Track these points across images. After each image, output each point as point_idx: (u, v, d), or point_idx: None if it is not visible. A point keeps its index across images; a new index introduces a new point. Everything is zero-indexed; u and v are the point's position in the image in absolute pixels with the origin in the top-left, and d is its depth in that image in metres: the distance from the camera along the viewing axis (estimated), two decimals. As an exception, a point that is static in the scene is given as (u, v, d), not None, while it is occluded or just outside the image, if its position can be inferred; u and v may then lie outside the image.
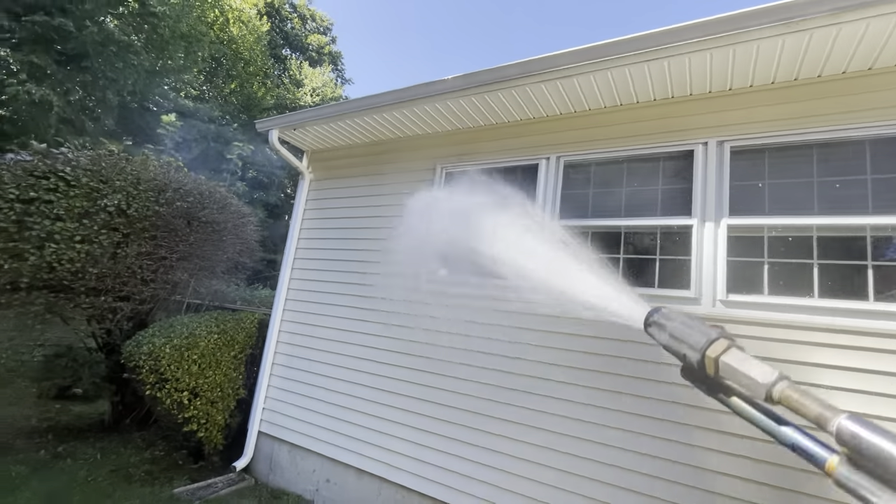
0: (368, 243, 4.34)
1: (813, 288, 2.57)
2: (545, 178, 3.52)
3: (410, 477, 3.55)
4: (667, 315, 0.70)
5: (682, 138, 3.04)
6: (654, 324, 0.71)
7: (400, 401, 3.72)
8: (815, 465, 0.52)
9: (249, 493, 4.14)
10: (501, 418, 3.25)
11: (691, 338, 0.64)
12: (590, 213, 3.35)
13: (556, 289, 2.12)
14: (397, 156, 4.41)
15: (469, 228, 2.68)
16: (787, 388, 0.51)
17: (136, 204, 4.20)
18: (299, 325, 4.59)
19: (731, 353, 0.59)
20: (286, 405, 4.43)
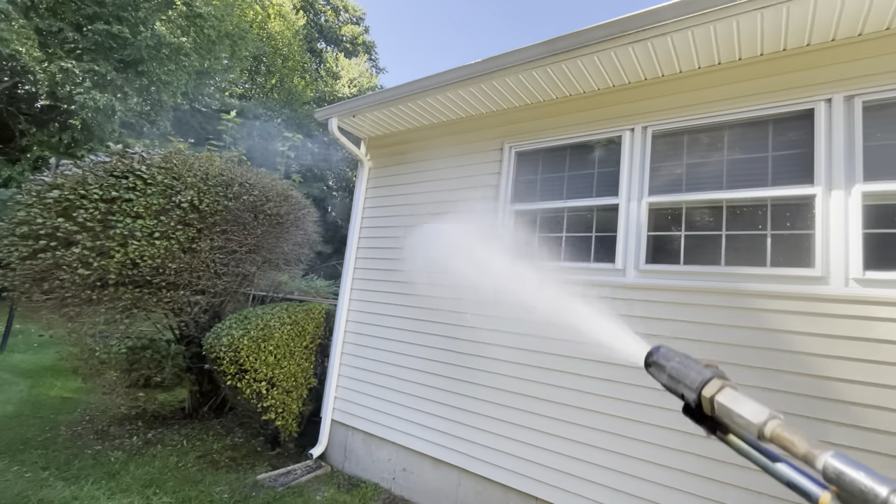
0: (433, 231, 4.21)
1: (977, 261, 2.20)
2: (630, 150, 3.24)
3: (490, 468, 3.45)
4: (665, 355, 0.71)
5: (798, 96, 2.68)
6: (654, 364, 0.72)
7: (479, 391, 3.61)
8: (808, 501, 0.54)
9: (327, 480, 4.19)
10: (593, 410, 3.06)
11: (688, 378, 0.66)
12: (684, 187, 3.05)
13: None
14: (460, 137, 4.23)
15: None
16: (778, 426, 0.55)
17: (207, 199, 4.27)
18: (367, 314, 4.57)
19: (724, 393, 0.62)
20: (358, 394, 4.44)
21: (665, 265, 3.00)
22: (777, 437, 0.55)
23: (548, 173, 3.74)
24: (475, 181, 4.00)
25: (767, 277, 2.65)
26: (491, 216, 3.85)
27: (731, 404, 0.60)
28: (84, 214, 3.78)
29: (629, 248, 3.12)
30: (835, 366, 2.38)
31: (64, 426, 4.78)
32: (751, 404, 0.59)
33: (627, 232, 3.15)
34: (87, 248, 3.80)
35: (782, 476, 0.57)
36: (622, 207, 3.20)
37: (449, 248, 3.93)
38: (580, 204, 3.45)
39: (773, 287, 2.60)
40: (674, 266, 2.98)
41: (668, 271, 2.97)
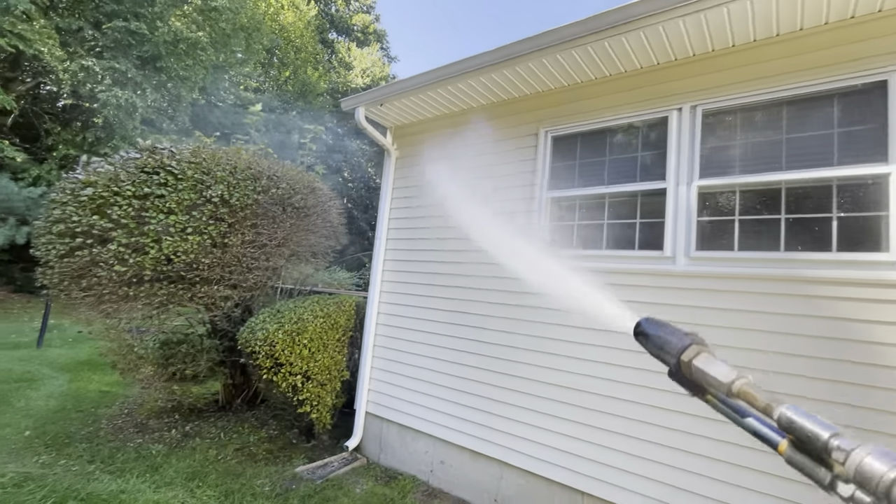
0: (466, 220, 4.12)
1: None
2: (678, 131, 3.08)
3: (533, 461, 3.39)
4: (651, 324, 0.78)
5: (867, 67, 2.49)
6: (641, 333, 0.79)
7: (519, 383, 3.54)
8: (770, 447, 0.60)
9: (364, 472, 4.19)
10: (642, 403, 2.96)
11: (669, 344, 0.73)
12: (737, 169, 2.88)
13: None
14: (492, 123, 4.10)
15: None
16: (744, 384, 0.61)
17: (237, 193, 4.24)
18: (398, 306, 4.52)
19: (700, 357, 0.68)
20: (392, 387, 4.41)
21: (718, 252, 2.86)
22: (742, 394, 0.62)
23: (587, 158, 3.60)
24: (509, 168, 3.88)
25: (833, 263, 2.49)
26: (527, 204, 3.73)
27: (705, 367, 0.66)
28: (118, 211, 3.78)
29: (678, 235, 2.98)
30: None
31: (105, 419, 4.88)
32: (721, 366, 0.66)
33: (676, 217, 3.01)
34: (122, 245, 3.81)
35: (750, 427, 0.63)
36: (670, 192, 3.05)
37: (483, 238, 3.85)
38: (623, 189, 3.31)
39: (839, 273, 2.45)
40: (728, 253, 2.83)
41: (722, 258, 2.83)
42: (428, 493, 3.87)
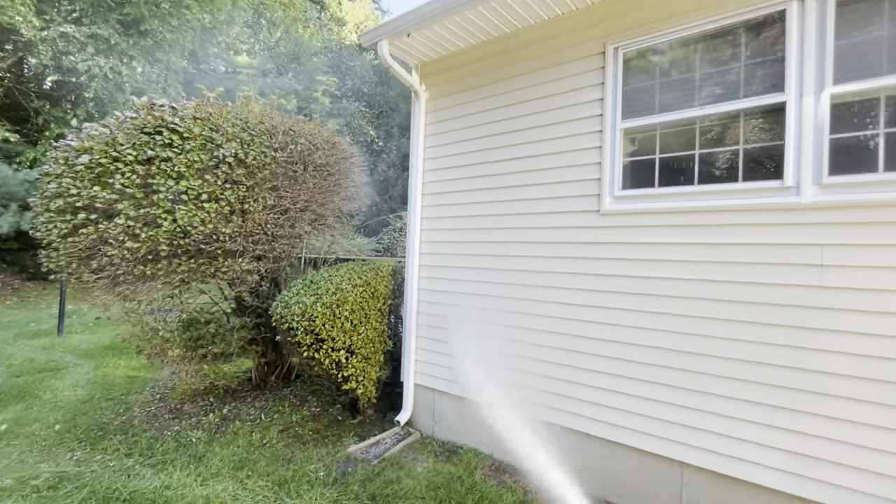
0: (514, 164, 3.57)
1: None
2: (799, 27, 2.45)
3: (616, 430, 3.02)
4: None
5: None
6: None
7: (588, 345, 3.11)
8: None
9: (421, 447, 3.89)
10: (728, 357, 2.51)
11: None
12: (885, 68, 2.27)
13: None
14: (545, 46, 3.45)
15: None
16: None
17: (253, 151, 3.70)
18: (442, 268, 4.06)
19: None
20: (441, 356, 4.03)
21: (852, 175, 2.31)
22: None
23: (670, 76, 2.98)
24: (571, 98, 3.28)
25: None
26: (596, 139, 3.16)
27: None
28: (121, 180, 3.28)
29: (803, 159, 2.42)
30: None
31: (137, 407, 4.60)
32: None
33: (799, 137, 2.44)
34: (130, 219, 3.33)
35: None
36: (791, 105, 2.46)
37: (539, 186, 3.30)
38: (723, 109, 2.71)
39: None
40: (865, 175, 2.28)
41: (860, 184, 2.28)
42: (494, 466, 3.56)
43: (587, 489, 3.15)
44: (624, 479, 3.03)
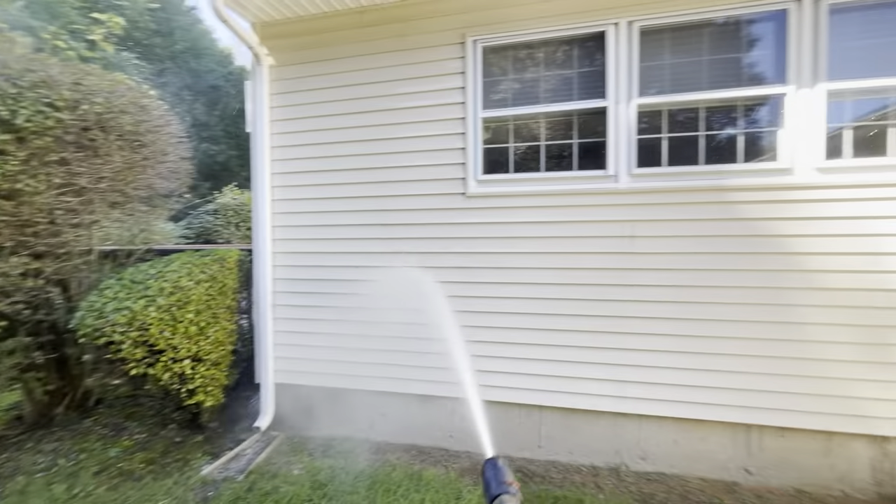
0: (381, 145, 3.52)
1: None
2: (615, 47, 3.07)
3: (485, 389, 3.39)
4: (490, 465, 1.22)
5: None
6: (483, 468, 1.22)
7: (464, 318, 3.39)
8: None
9: (292, 450, 3.60)
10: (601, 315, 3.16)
11: (490, 486, 1.11)
12: (668, 88, 3.06)
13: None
14: (405, 27, 3.45)
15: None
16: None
17: (25, 110, 2.67)
18: (303, 255, 3.75)
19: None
20: (307, 349, 3.77)
21: (652, 168, 3.08)
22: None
23: (522, 73, 3.36)
24: (436, 83, 3.39)
25: (746, 172, 2.93)
26: (460, 125, 3.35)
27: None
28: None
29: (620, 153, 3.09)
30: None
31: None
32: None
33: (618, 136, 3.09)
34: None
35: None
36: (611, 109, 3.09)
37: (408, 168, 3.36)
38: (561, 108, 3.23)
39: (750, 181, 2.90)
40: (659, 168, 3.08)
41: (655, 174, 3.06)
42: (374, 449, 3.56)
43: (466, 447, 3.47)
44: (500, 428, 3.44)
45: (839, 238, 2.78)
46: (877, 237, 2.73)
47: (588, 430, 3.26)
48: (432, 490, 2.85)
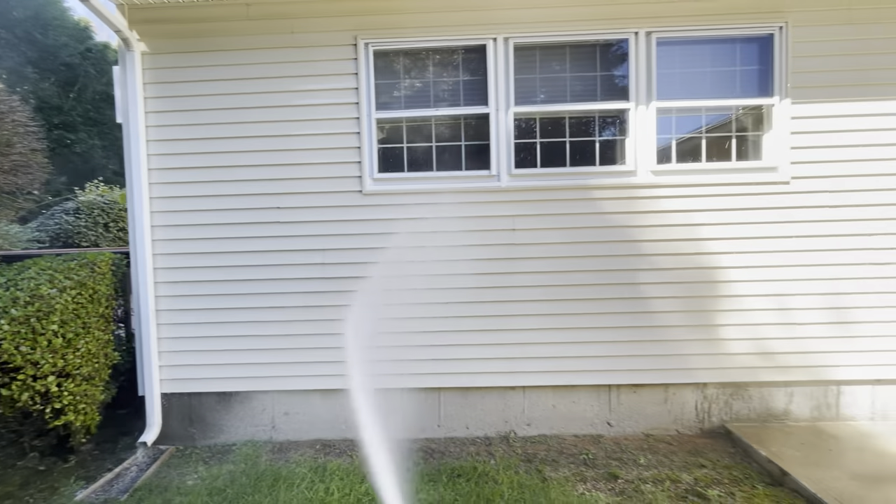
0: (275, 142, 3.48)
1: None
2: (495, 60, 3.42)
3: (391, 378, 3.56)
4: None
5: (619, 26, 3.37)
6: None
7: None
8: None
9: (183, 461, 3.41)
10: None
11: None
12: (539, 99, 3.50)
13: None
14: (296, 23, 3.44)
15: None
16: None
17: None
18: (187, 255, 3.55)
19: None
20: (197, 354, 3.59)
21: (528, 168, 3.49)
22: None
23: (414, 77, 3.57)
24: (330, 82, 3.44)
25: (599, 174, 3.47)
26: (355, 125, 3.45)
27: None
28: None
29: (501, 155, 3.45)
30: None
31: None
32: None
33: (499, 140, 3.45)
34: None
35: None
36: (492, 117, 3.44)
37: (305, 166, 3.39)
38: (450, 113, 3.50)
39: (601, 180, 3.45)
40: (534, 169, 3.50)
41: (531, 174, 3.48)
42: (277, 448, 3.53)
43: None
44: (405, 413, 3.63)
45: (670, 227, 3.44)
46: (697, 226, 3.43)
47: (481, 406, 3.61)
48: (336, 478, 2.95)
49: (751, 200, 3.43)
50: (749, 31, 3.41)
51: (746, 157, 3.54)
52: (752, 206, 3.42)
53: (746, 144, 3.55)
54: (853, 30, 3.34)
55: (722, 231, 3.43)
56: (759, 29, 3.39)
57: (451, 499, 2.70)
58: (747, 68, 3.46)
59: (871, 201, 3.38)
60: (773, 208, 3.42)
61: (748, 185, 3.43)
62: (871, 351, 3.44)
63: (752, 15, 3.36)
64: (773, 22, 3.35)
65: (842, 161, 3.38)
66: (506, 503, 2.64)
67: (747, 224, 3.43)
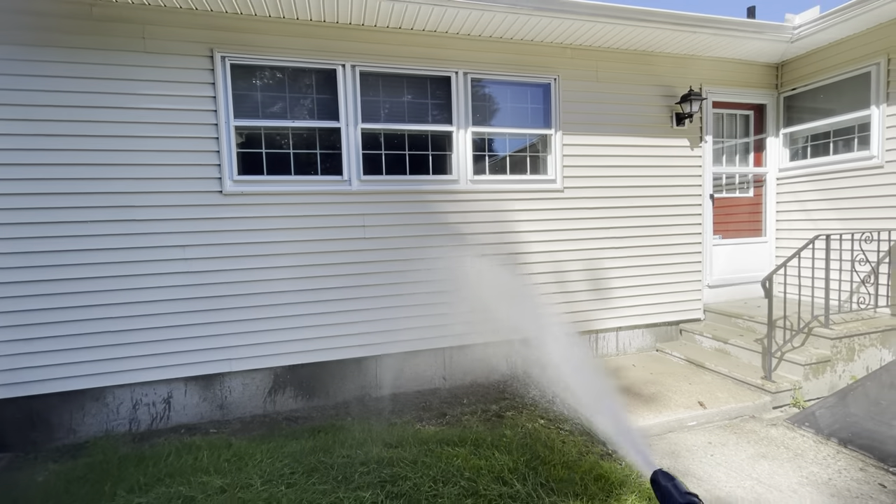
0: (118, 142, 3.59)
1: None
2: (344, 83, 4.06)
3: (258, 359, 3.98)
4: (664, 475, 1.06)
5: (439, 64, 4.30)
6: (654, 482, 1.05)
7: (230, 301, 3.87)
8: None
9: (27, 465, 3.33)
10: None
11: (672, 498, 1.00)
12: (382, 119, 4.25)
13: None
14: (146, 30, 3.59)
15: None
16: None
17: None
18: (18, 255, 3.45)
19: None
20: (34, 355, 3.50)
21: (375, 175, 4.23)
22: None
23: (271, 92, 4.00)
24: (188, 89, 3.68)
25: (432, 181, 4.37)
26: (213, 131, 3.76)
27: None
28: None
29: (352, 164, 4.12)
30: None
31: None
32: None
33: (348, 150, 4.11)
34: None
35: None
36: (343, 130, 4.08)
37: (164, 167, 3.62)
38: (306, 125, 4.04)
39: (433, 186, 4.36)
40: (380, 176, 4.25)
41: (377, 180, 4.22)
42: (137, 438, 3.66)
43: (239, 414, 3.96)
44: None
45: (486, 223, 4.51)
46: (507, 221, 4.56)
47: (340, 375, 4.24)
48: (205, 448, 3.29)
49: (539, 203, 4.68)
50: (536, 80, 4.64)
51: (537, 172, 4.80)
52: (540, 207, 4.69)
53: (538, 162, 4.82)
54: (599, 85, 4.81)
55: (523, 224, 4.63)
56: (542, 79, 4.64)
57: (311, 447, 3.29)
58: (536, 106, 4.71)
59: (612, 204, 4.92)
60: (553, 209, 4.73)
61: (537, 192, 4.68)
62: (616, 307, 5.00)
63: (538, 68, 4.60)
64: (550, 75, 4.63)
65: (593, 177, 4.84)
66: (357, 442, 3.34)
67: (537, 220, 4.68)
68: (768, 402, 3.86)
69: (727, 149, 5.68)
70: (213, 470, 2.97)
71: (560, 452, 3.10)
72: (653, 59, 4.95)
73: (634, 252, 5.04)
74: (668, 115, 5.05)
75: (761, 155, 5.70)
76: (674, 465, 3.10)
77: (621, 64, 4.86)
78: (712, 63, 5.19)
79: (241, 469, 2.97)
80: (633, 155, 4.96)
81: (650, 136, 5.00)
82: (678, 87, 5.00)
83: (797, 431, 3.54)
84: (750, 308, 5.11)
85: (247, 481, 2.79)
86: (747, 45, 4.85)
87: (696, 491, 2.76)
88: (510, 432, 3.42)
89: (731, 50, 4.97)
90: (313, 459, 3.05)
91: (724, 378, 4.28)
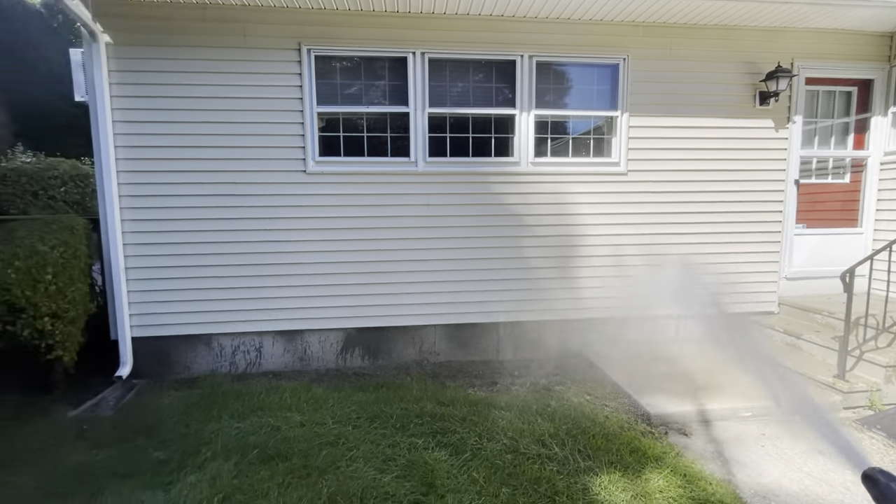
0: (225, 127, 4.18)
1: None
2: (413, 69, 4.33)
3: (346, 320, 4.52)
4: (883, 474, 0.90)
5: (505, 49, 4.40)
6: (868, 478, 0.91)
7: (310, 268, 4.41)
8: None
9: (155, 390, 4.14)
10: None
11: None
12: (448, 103, 4.48)
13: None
14: (247, 28, 4.11)
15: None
16: None
17: None
18: (152, 221, 4.21)
19: None
20: (160, 304, 4.29)
21: (440, 157, 4.50)
22: None
23: (349, 79, 4.39)
24: (279, 80, 4.18)
25: (493, 163, 4.55)
26: (300, 117, 4.24)
27: None
28: None
29: (419, 147, 4.42)
30: (522, 208, 4.62)
31: None
32: None
33: (416, 134, 4.41)
34: None
35: None
36: (412, 115, 4.37)
37: (257, 149, 4.14)
38: (378, 110, 4.40)
39: (495, 168, 4.53)
40: (444, 158, 4.51)
41: (442, 161, 4.49)
42: (236, 379, 4.37)
43: (319, 366, 4.56)
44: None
45: (546, 205, 4.62)
46: (567, 204, 4.64)
47: (402, 340, 4.68)
48: (288, 391, 3.88)
49: (601, 186, 4.68)
50: (604, 60, 4.58)
51: (600, 154, 4.78)
52: (602, 190, 4.69)
53: (601, 144, 4.79)
54: (672, 63, 4.62)
55: (584, 207, 4.67)
56: (610, 59, 4.57)
57: (374, 398, 3.75)
58: (602, 88, 4.66)
59: (680, 188, 4.77)
60: (616, 192, 4.70)
61: (599, 175, 4.68)
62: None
63: (606, 48, 4.53)
64: (619, 54, 4.55)
65: (661, 160, 4.71)
66: (413, 398, 3.74)
67: (599, 203, 4.69)
68: (838, 402, 3.66)
69: (820, 130, 5.18)
70: (295, 408, 3.53)
71: (601, 426, 3.26)
72: (735, 34, 4.63)
73: (702, 238, 4.87)
74: (751, 93, 4.73)
75: (863, 137, 5.13)
76: (717, 451, 3.13)
77: (698, 41, 4.61)
78: (807, 35, 4.73)
79: (317, 410, 3.49)
80: (707, 137, 4.74)
81: (727, 117, 4.73)
82: (763, 64, 4.64)
83: (867, 433, 3.35)
84: (833, 304, 4.74)
85: (321, 420, 3.30)
86: (853, 12, 4.36)
87: (738, 476, 2.80)
88: (555, 403, 3.62)
89: (833, 19, 4.50)
90: (376, 409, 3.49)
91: (791, 374, 4.09)
